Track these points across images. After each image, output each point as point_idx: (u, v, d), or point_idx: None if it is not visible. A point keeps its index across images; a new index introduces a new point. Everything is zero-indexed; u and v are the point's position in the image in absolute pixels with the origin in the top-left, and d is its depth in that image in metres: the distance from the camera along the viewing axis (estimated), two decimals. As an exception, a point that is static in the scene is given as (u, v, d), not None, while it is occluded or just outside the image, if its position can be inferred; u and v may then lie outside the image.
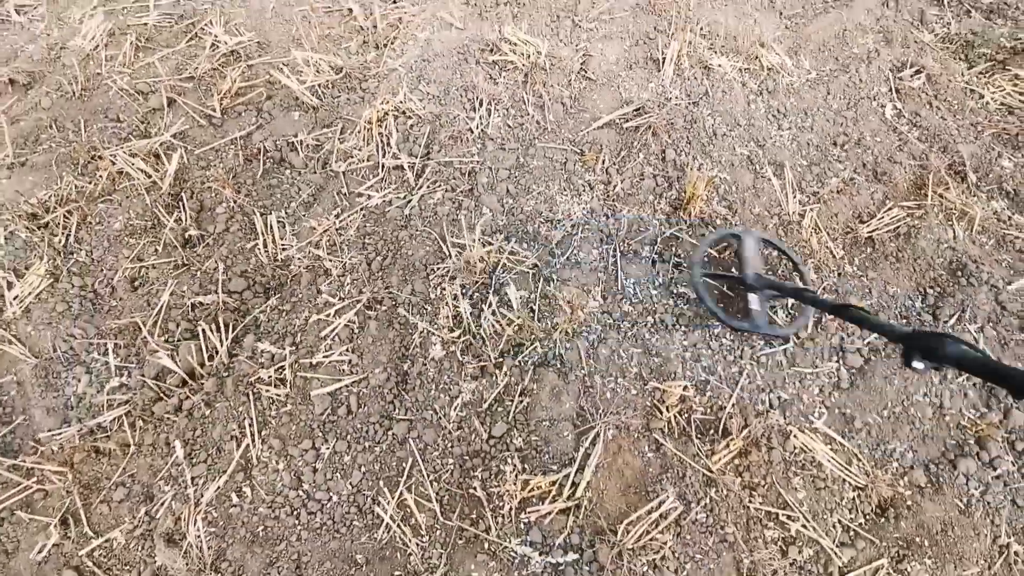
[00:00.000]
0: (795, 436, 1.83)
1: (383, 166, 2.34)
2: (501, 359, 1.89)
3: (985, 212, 2.31)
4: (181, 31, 2.81)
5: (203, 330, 1.91)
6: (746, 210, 2.27)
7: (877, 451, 1.85)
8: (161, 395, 1.85)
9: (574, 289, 2.04)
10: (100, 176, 2.31)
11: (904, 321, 2.08)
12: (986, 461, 1.84)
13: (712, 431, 1.84)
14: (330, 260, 2.12)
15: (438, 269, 2.07)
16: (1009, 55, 2.78)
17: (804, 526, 1.72)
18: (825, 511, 1.76)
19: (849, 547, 1.71)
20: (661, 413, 1.83)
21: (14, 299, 2.03)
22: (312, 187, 2.33)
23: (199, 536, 1.69)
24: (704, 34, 2.79)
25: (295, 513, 1.73)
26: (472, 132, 2.42)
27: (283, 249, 2.16)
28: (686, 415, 1.85)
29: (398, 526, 1.71)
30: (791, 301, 2.08)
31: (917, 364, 1.22)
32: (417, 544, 1.69)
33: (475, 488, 1.74)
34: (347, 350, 1.92)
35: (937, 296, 2.10)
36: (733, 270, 2.11)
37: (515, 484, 1.72)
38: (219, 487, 1.74)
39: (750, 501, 1.74)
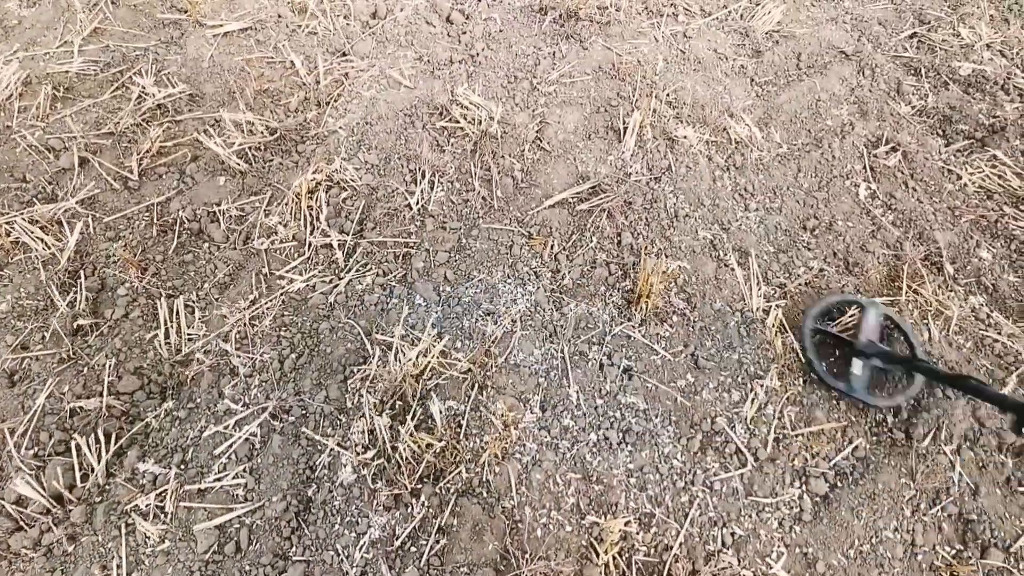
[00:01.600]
0: (749, 583, 1.61)
1: (310, 244, 2.12)
2: (419, 486, 1.66)
3: (963, 310, 2.14)
4: (106, 80, 2.59)
5: (76, 445, 1.66)
6: (706, 304, 2.07)
7: (841, 601, 1.64)
8: (21, 524, 1.59)
9: (510, 399, 1.82)
10: (-9, 247, 2.07)
11: (874, 438, 1.89)
12: (963, 613, 1.64)
13: (656, 576, 1.61)
14: (239, 356, 1.88)
15: (358, 371, 1.84)
16: (988, 133, 2.64)
17: None
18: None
19: None
20: (598, 556, 1.60)
21: None
22: (230, 266, 2.10)
23: None
24: (670, 101, 2.63)
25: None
26: (411, 208, 2.21)
27: (189, 340, 1.92)
28: (627, 556, 1.63)
29: None
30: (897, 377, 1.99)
31: None
32: None
33: (378, 647, 1.49)
34: (244, 471, 1.67)
35: (911, 411, 1.91)
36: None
37: (425, 644, 1.48)
38: (75, 644, 1.48)
39: (696, 666, 1.52)
